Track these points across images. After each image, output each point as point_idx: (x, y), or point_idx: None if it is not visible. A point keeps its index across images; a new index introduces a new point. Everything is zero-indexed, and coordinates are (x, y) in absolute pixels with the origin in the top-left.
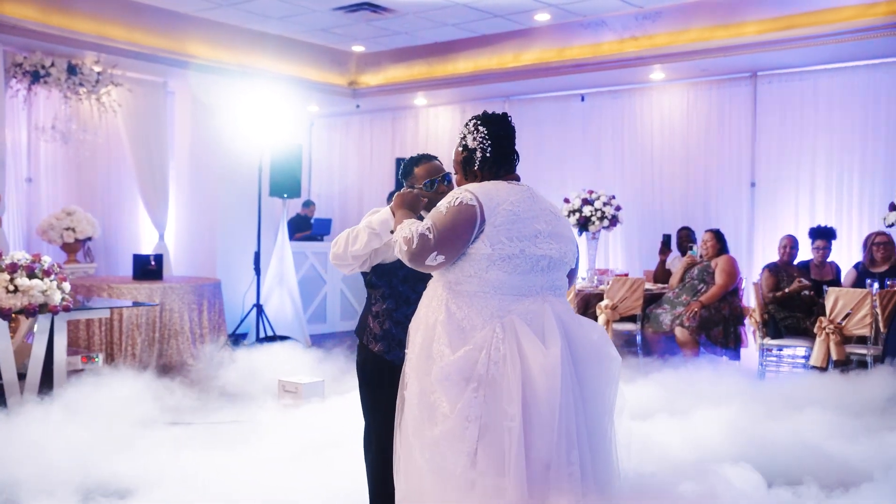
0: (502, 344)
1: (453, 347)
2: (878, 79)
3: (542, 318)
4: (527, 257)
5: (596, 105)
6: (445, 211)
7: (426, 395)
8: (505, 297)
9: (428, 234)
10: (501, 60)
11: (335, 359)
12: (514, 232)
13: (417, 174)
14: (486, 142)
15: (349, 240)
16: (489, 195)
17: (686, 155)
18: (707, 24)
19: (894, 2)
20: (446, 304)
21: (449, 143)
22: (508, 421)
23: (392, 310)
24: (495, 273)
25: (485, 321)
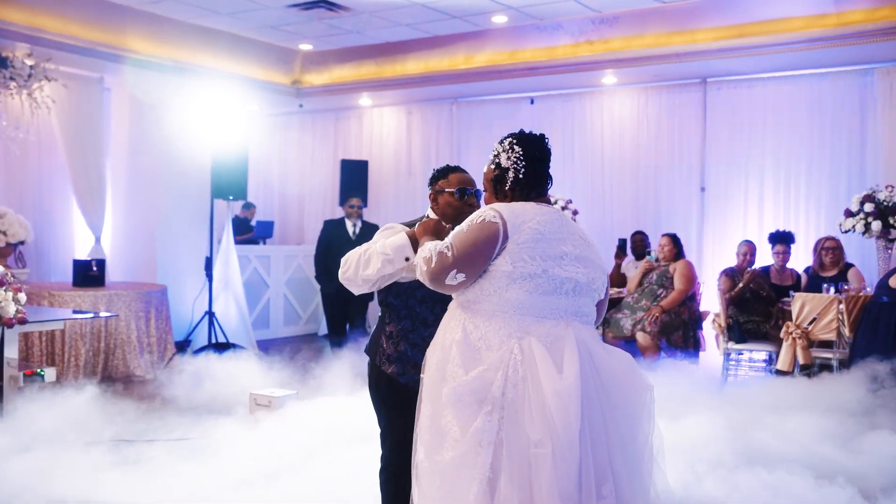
0: (521, 366)
1: (466, 368)
2: (824, 87)
3: (563, 342)
4: (550, 278)
5: (546, 108)
6: (467, 228)
7: (437, 419)
8: (525, 317)
9: (446, 252)
10: (452, 62)
11: (287, 366)
12: (537, 251)
13: (451, 180)
14: (521, 162)
15: (360, 262)
16: (514, 213)
17: (636, 159)
18: (662, 31)
19: (844, 14)
20: (463, 324)
21: (394, 145)
22: (534, 447)
23: (408, 330)
24: (515, 292)
25: (501, 341)
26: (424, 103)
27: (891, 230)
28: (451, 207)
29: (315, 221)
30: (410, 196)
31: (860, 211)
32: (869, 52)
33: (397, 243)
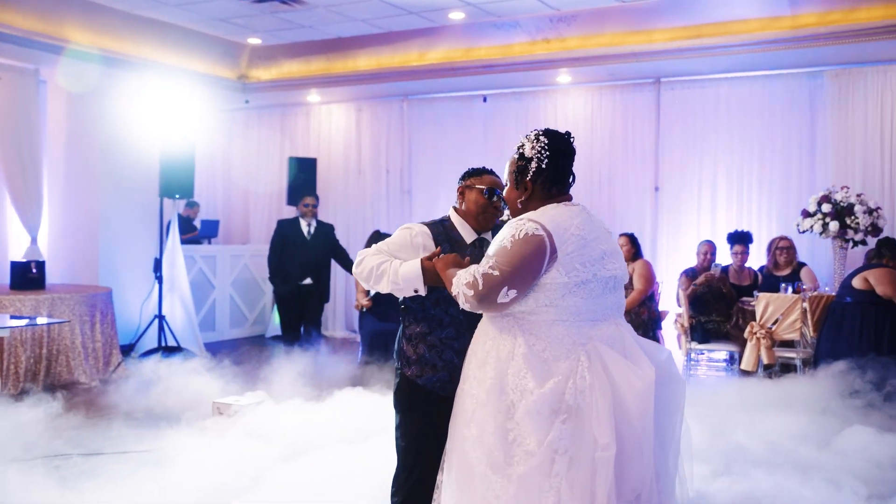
0: (588, 372)
1: (539, 381)
2: (776, 88)
3: (622, 341)
4: (599, 280)
5: (499, 106)
6: (510, 244)
7: (504, 433)
8: (583, 323)
9: (492, 272)
10: (405, 59)
11: (242, 371)
12: (585, 257)
13: (484, 179)
14: (545, 152)
15: (373, 273)
16: (555, 223)
17: (591, 159)
18: (619, 30)
19: (798, 16)
20: (523, 336)
21: (342, 143)
22: (600, 451)
23: (425, 333)
24: (572, 300)
25: (567, 350)
26: (375, 100)
27: (847, 231)
28: (477, 204)
29: (261, 220)
30: (360, 194)
31: (818, 211)
32: (820, 54)
33: (409, 274)
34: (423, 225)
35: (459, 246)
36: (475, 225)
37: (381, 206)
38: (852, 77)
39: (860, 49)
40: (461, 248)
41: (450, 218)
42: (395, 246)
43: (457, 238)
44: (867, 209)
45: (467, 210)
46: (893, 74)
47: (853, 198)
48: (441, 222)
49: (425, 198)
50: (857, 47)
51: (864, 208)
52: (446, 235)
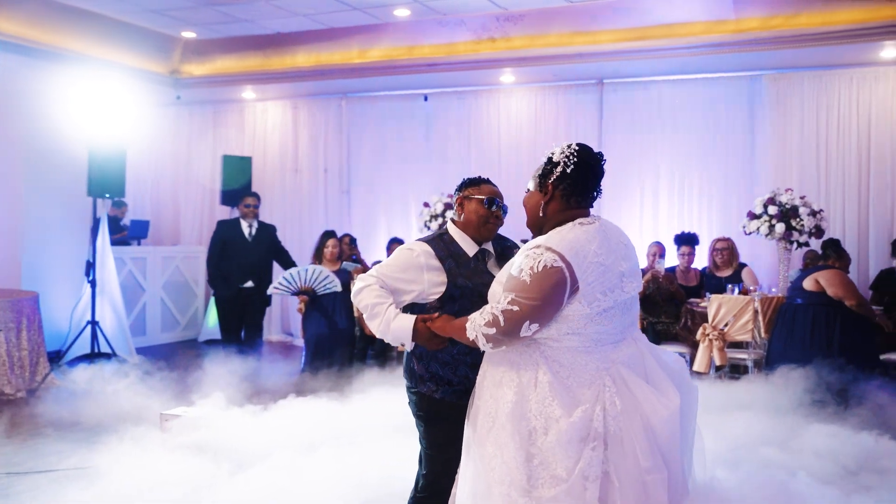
0: (617, 398)
1: (566, 409)
2: (716, 91)
3: (642, 360)
4: (619, 305)
5: (440, 105)
6: (529, 279)
7: (527, 456)
8: (605, 346)
9: (512, 308)
10: (346, 56)
11: (179, 378)
12: (605, 285)
13: (483, 189)
14: (573, 159)
15: (369, 310)
16: (574, 251)
17: (533, 159)
18: (565, 30)
19: (741, 21)
20: (546, 363)
21: (279, 141)
22: (647, 475)
23: (436, 350)
24: (594, 328)
25: (592, 376)
26: (313, 98)
27: (792, 232)
28: (478, 215)
29: (193, 220)
30: (297, 194)
31: (763, 213)
32: (761, 58)
33: (399, 332)
34: (423, 243)
35: (462, 260)
36: (476, 235)
37: (318, 206)
38: (790, 81)
39: (799, 54)
40: (464, 262)
41: (448, 231)
42: (397, 269)
43: (458, 252)
44: (811, 211)
45: (467, 221)
46: (829, 80)
47: (797, 200)
48: (440, 237)
49: (364, 198)
50: (797, 52)
51: (808, 210)
52: (447, 250)
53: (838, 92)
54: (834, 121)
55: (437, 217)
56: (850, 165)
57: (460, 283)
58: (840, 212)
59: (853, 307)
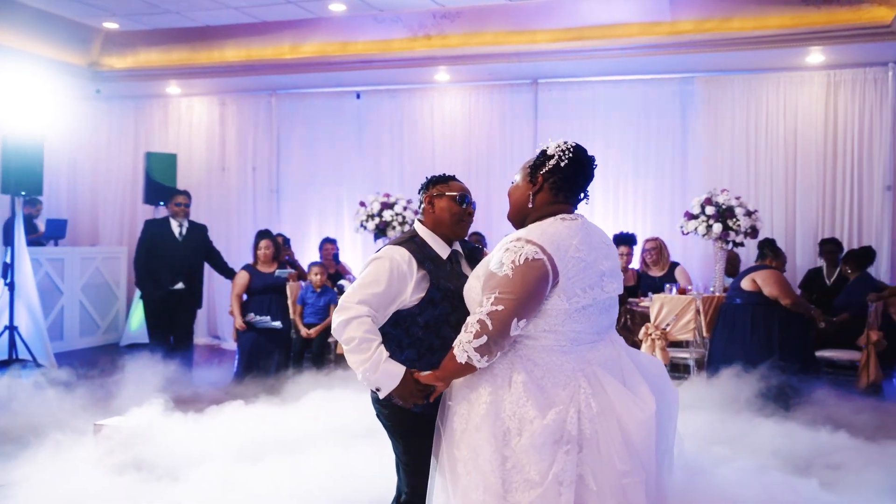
0: (592, 399)
1: (540, 410)
2: (650, 92)
3: (619, 362)
4: (598, 304)
5: (373, 103)
6: (511, 272)
7: (501, 460)
8: (582, 346)
9: (497, 308)
10: (277, 51)
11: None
12: (585, 281)
13: (452, 186)
14: (567, 154)
15: (355, 344)
16: (555, 244)
17: (468, 159)
18: (501, 29)
19: (676, 23)
20: (521, 362)
21: (205, 138)
22: (624, 479)
23: (413, 360)
24: (572, 325)
25: (567, 376)
26: (241, 94)
27: (729, 232)
28: (450, 213)
29: (113, 220)
30: (224, 193)
31: (701, 213)
32: (694, 61)
33: (386, 378)
34: (399, 248)
35: (437, 263)
36: (450, 234)
37: (247, 205)
38: (721, 84)
39: (730, 57)
40: (440, 265)
41: (418, 233)
42: (383, 286)
43: (433, 254)
44: (746, 211)
45: (439, 220)
46: (758, 83)
47: (733, 200)
48: (412, 240)
49: (294, 197)
50: (728, 56)
51: (743, 210)
52: (423, 253)
53: (767, 95)
54: (763, 123)
55: (374, 217)
56: (777, 167)
57: (443, 286)
58: (769, 212)
59: (788, 306)
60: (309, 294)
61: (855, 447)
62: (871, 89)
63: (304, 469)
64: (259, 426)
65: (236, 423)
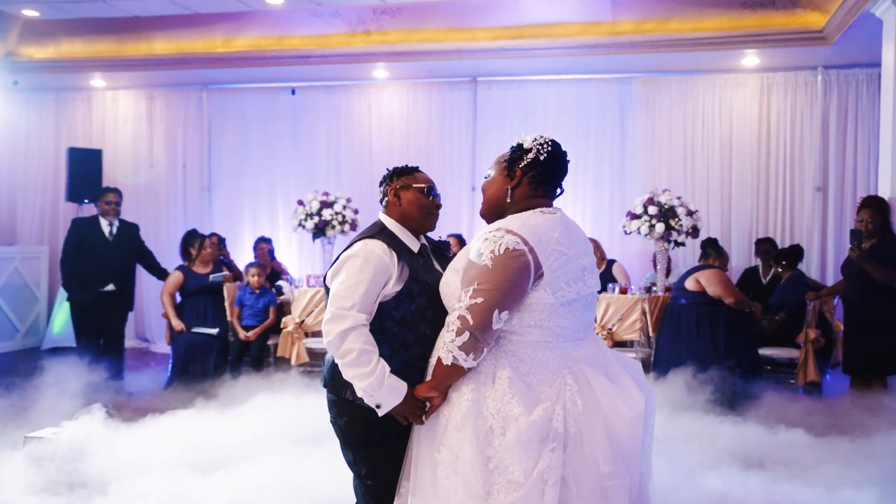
0: (579, 397)
1: (526, 407)
2: (589, 92)
3: (604, 359)
4: (582, 298)
5: (308, 100)
6: (491, 263)
7: (483, 460)
8: (567, 343)
9: (477, 300)
10: (209, 44)
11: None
12: (569, 275)
13: (418, 177)
14: (545, 148)
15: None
16: (535, 234)
17: (406, 157)
18: (441, 26)
19: (617, 23)
20: (506, 358)
21: (131, 134)
22: (606, 480)
23: (386, 357)
24: (557, 321)
25: (553, 373)
26: (170, 88)
27: (672, 232)
28: (418, 205)
29: (33, 218)
30: (153, 190)
31: (644, 213)
32: (633, 61)
33: (390, 394)
34: (373, 240)
35: (412, 256)
36: (418, 228)
37: (177, 203)
38: (658, 85)
39: (668, 58)
40: (413, 258)
41: (386, 226)
42: (368, 283)
43: (405, 248)
44: (688, 211)
45: (406, 213)
46: (694, 84)
47: (675, 200)
48: (381, 232)
49: (227, 195)
50: (666, 57)
51: (685, 210)
52: (396, 245)
53: (703, 97)
54: (699, 124)
55: (313, 216)
56: (713, 168)
57: (420, 279)
58: (705, 212)
59: (732, 305)
60: (247, 296)
61: (807, 444)
62: (802, 92)
63: (257, 480)
64: (204, 435)
65: (179, 432)
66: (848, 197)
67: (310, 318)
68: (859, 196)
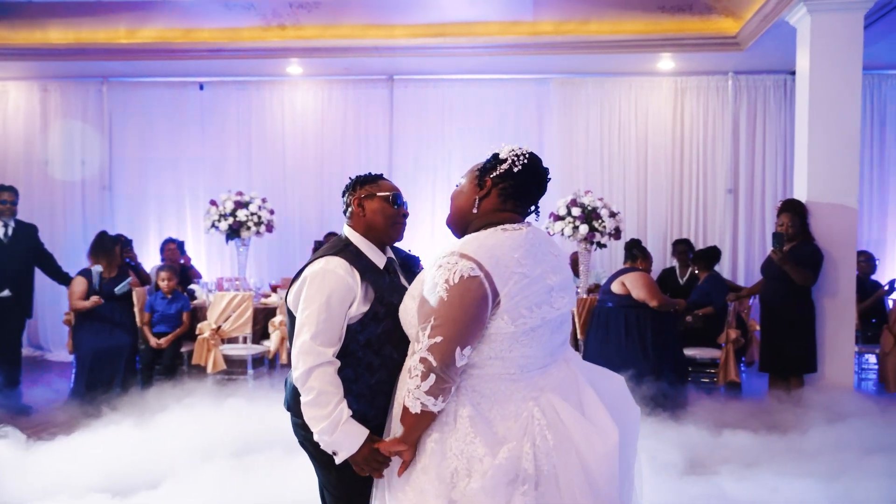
0: (548, 431)
1: (490, 447)
2: (507, 92)
3: (576, 384)
4: (547, 323)
5: (218, 95)
6: (447, 295)
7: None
8: (532, 373)
9: (436, 340)
10: (111, 34)
11: None
12: (531, 299)
13: (382, 185)
14: (521, 160)
15: (314, 395)
16: (492, 257)
17: (320, 155)
18: (359, 22)
19: (538, 24)
20: (467, 394)
21: (23, 128)
22: None
23: (351, 381)
24: (520, 350)
25: (518, 407)
26: (68, 80)
27: (595, 234)
28: (384, 216)
29: None
30: (48, 189)
31: (567, 215)
32: (551, 62)
33: (343, 441)
34: (335, 258)
35: (376, 274)
36: (384, 239)
37: (75, 203)
38: (575, 86)
39: (586, 60)
40: (379, 277)
41: (351, 241)
42: (330, 309)
43: (370, 265)
44: (611, 213)
45: (371, 224)
46: (611, 86)
47: (598, 202)
48: (345, 248)
49: (129, 195)
50: (584, 58)
51: (608, 212)
52: (360, 263)
53: (619, 99)
54: (615, 127)
55: (227, 217)
56: (630, 169)
57: (386, 301)
58: (622, 213)
59: (656, 307)
60: (158, 301)
61: (748, 443)
62: (714, 97)
63: (184, 501)
64: (120, 453)
65: (91, 449)
66: (757, 199)
67: (227, 323)
68: (769, 198)
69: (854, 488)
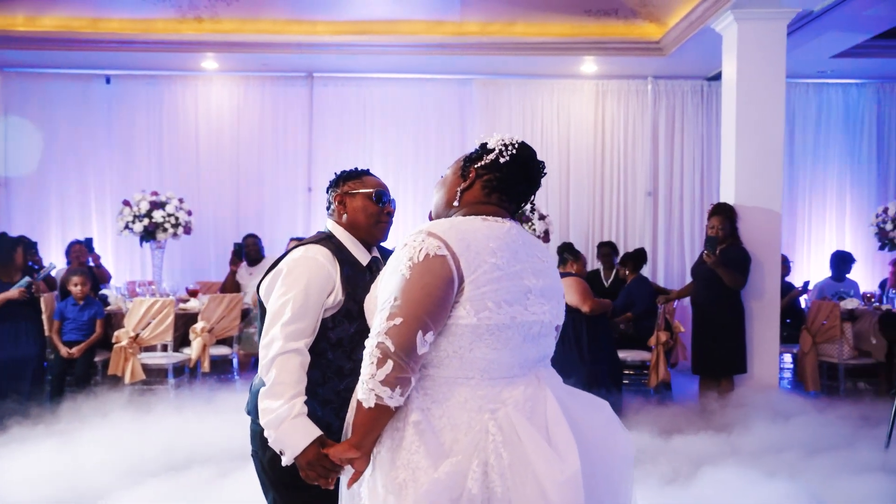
0: (503, 449)
1: (433, 459)
2: (429, 92)
3: (544, 405)
4: (518, 326)
5: (126, 89)
6: (409, 273)
7: None
8: (494, 381)
9: (394, 323)
10: (8, 21)
11: None
12: (501, 293)
13: (366, 182)
14: (510, 150)
15: (272, 383)
16: (464, 242)
17: (236, 154)
18: (280, 17)
19: (464, 24)
20: (418, 397)
21: None
22: None
23: (318, 384)
24: (481, 350)
25: (472, 418)
26: None
27: None
28: (366, 213)
29: None
30: None
31: None
32: (474, 63)
33: (286, 439)
34: (316, 246)
35: (355, 269)
36: (367, 238)
37: None
38: (498, 88)
39: (511, 61)
40: (359, 272)
41: (334, 234)
42: (315, 295)
43: (352, 260)
44: (540, 215)
45: (354, 222)
46: (531, 88)
47: (527, 205)
48: (328, 239)
49: (28, 193)
50: (509, 59)
51: (538, 215)
52: (342, 256)
53: (542, 101)
54: (538, 128)
55: (142, 218)
56: (552, 172)
57: (359, 298)
58: None
59: (587, 312)
60: (69, 307)
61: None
62: (634, 101)
63: None
64: (38, 472)
65: (14, 469)
66: (676, 202)
67: (146, 331)
68: (687, 201)
69: (814, 486)
